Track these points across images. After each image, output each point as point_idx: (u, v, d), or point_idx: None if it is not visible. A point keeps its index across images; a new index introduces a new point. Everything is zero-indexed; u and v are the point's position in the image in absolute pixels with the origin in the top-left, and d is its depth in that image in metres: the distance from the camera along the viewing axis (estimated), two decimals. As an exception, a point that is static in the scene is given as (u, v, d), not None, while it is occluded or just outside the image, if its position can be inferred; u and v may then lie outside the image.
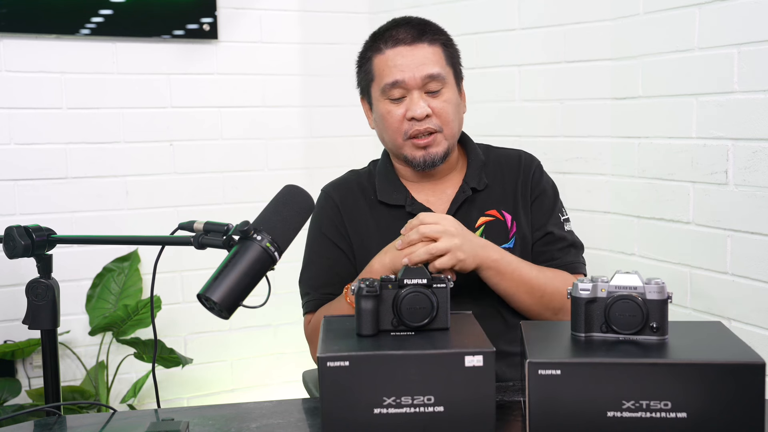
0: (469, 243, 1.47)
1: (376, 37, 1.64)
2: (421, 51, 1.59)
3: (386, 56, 1.60)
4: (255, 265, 1.20)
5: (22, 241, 1.35)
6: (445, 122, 1.59)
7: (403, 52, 1.58)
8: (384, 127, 1.63)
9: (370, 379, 1.08)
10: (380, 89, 1.61)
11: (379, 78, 1.61)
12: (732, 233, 2.18)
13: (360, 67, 1.69)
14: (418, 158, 1.60)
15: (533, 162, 1.71)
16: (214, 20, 2.95)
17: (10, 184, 2.72)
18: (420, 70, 1.57)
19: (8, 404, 2.60)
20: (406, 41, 1.59)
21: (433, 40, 1.61)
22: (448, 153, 1.62)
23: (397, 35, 1.60)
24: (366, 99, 1.70)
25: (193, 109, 3.00)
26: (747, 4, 2.10)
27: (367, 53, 1.65)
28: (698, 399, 1.05)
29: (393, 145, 1.63)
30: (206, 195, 3.03)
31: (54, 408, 1.35)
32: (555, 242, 1.64)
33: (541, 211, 1.66)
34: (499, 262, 1.50)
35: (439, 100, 1.59)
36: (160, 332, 2.87)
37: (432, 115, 1.58)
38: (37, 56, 2.74)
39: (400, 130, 1.59)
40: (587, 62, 2.60)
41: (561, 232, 1.66)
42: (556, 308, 1.55)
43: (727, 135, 2.17)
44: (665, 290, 1.14)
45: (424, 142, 1.58)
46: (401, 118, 1.59)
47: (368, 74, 1.65)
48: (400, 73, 1.57)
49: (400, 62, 1.58)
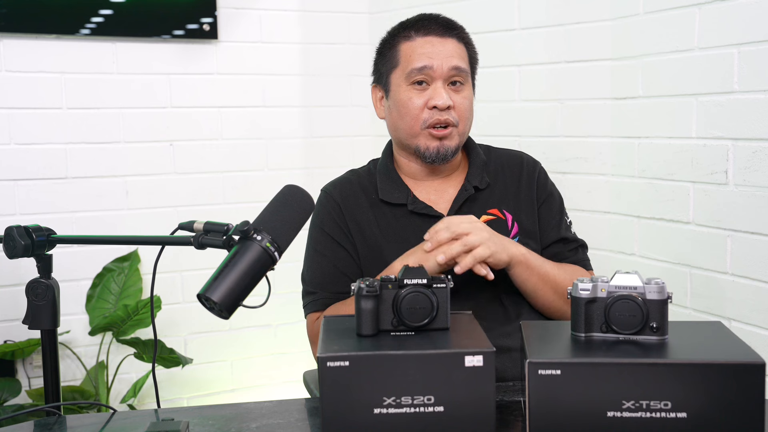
0: (499, 238, 1.50)
1: (406, 26, 1.66)
2: (450, 44, 1.63)
3: (416, 43, 1.63)
4: (255, 265, 1.20)
5: (22, 241, 1.35)
6: (462, 118, 1.62)
7: (434, 42, 1.62)
8: (401, 114, 1.63)
9: (370, 379, 1.08)
10: (405, 74, 1.62)
11: (405, 63, 1.63)
12: (732, 233, 2.18)
13: (382, 53, 1.69)
14: (432, 149, 1.61)
15: (536, 165, 1.73)
16: (214, 20, 2.95)
17: (10, 184, 2.72)
18: (449, 60, 1.60)
19: (8, 404, 2.60)
20: (438, 32, 1.63)
21: (460, 37, 1.66)
22: (458, 149, 1.64)
23: (429, 25, 1.64)
24: (381, 86, 1.70)
25: (193, 109, 3.00)
26: (747, 4, 2.10)
27: (393, 39, 1.67)
28: (698, 399, 1.05)
29: (407, 134, 1.63)
30: (206, 195, 3.03)
31: (54, 408, 1.35)
32: (567, 244, 1.69)
33: (550, 215, 1.69)
34: (528, 256, 1.54)
35: (460, 95, 1.62)
36: (160, 332, 2.87)
37: (452, 108, 1.60)
38: (37, 56, 2.74)
39: (419, 119, 1.61)
40: (587, 62, 2.60)
41: (571, 236, 1.70)
42: None
43: (727, 135, 2.17)
44: (665, 290, 1.14)
45: (441, 133, 1.60)
46: (422, 107, 1.60)
47: (392, 59, 1.66)
48: (429, 59, 1.60)
49: (429, 50, 1.61)
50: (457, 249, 1.45)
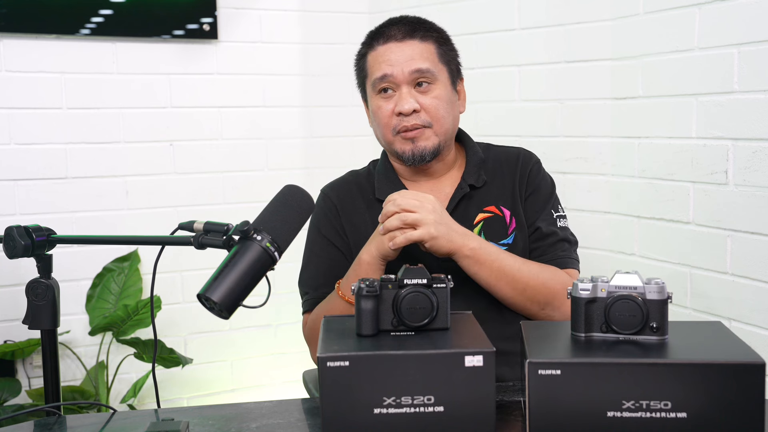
0: (446, 226, 1.47)
1: (371, 36, 1.67)
2: (410, 47, 1.61)
3: (377, 52, 1.63)
4: (255, 265, 1.20)
5: (22, 241, 1.35)
6: (435, 118, 1.60)
7: (393, 48, 1.61)
8: (376, 123, 1.66)
9: (370, 379, 1.08)
10: (371, 84, 1.64)
11: (370, 74, 1.64)
12: (732, 233, 2.18)
13: (356, 65, 1.72)
14: (407, 152, 1.61)
15: (531, 159, 1.71)
16: (214, 20, 2.95)
17: (10, 184, 2.72)
18: (408, 64, 1.59)
19: (8, 404, 2.60)
20: (397, 38, 1.62)
21: (425, 36, 1.63)
22: (438, 149, 1.62)
23: (389, 32, 1.63)
24: (363, 97, 1.73)
25: (193, 109, 3.00)
26: (747, 4, 2.10)
27: (362, 50, 1.69)
28: (698, 399, 1.05)
29: (385, 141, 1.65)
30: (206, 195, 3.03)
31: (54, 408, 1.35)
32: (544, 238, 1.64)
33: (532, 208, 1.66)
34: (478, 251, 1.49)
35: (429, 96, 1.60)
36: (160, 332, 2.87)
37: (420, 110, 1.59)
38: (37, 56, 2.74)
39: (390, 126, 1.61)
40: (587, 62, 2.60)
41: (551, 228, 1.65)
42: (542, 302, 1.54)
43: (727, 135, 2.17)
44: (665, 290, 1.14)
45: (411, 135, 1.59)
46: (390, 114, 1.61)
47: (362, 71, 1.68)
48: (389, 67, 1.60)
49: (389, 57, 1.61)
50: (394, 223, 1.43)
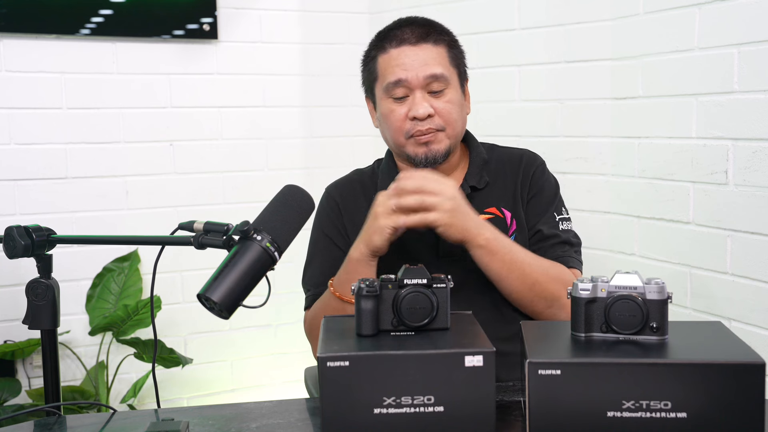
0: (463, 214, 1.45)
1: (381, 37, 1.64)
2: (425, 51, 1.59)
3: (390, 55, 1.60)
4: (255, 265, 1.20)
5: (22, 241, 1.35)
6: (448, 122, 1.60)
7: (407, 52, 1.59)
8: (386, 126, 1.64)
9: (370, 379, 1.08)
10: (383, 88, 1.61)
11: (382, 77, 1.62)
12: (732, 233, 2.18)
13: (364, 66, 1.69)
14: (420, 155, 1.60)
15: (535, 161, 1.71)
16: (214, 20, 2.95)
17: (10, 184, 2.72)
18: (423, 69, 1.57)
19: (8, 404, 2.60)
20: (411, 41, 1.59)
21: (438, 40, 1.61)
22: (449, 152, 1.62)
23: (402, 35, 1.60)
24: (370, 98, 1.70)
25: (193, 109, 3.00)
26: (747, 4, 2.10)
27: (371, 52, 1.66)
28: (698, 399, 1.05)
29: (395, 144, 1.64)
30: (206, 195, 3.03)
31: (54, 408, 1.35)
32: (545, 240, 1.63)
33: (535, 210, 1.66)
34: (491, 241, 1.48)
35: (442, 100, 1.59)
36: (160, 332, 2.87)
37: (434, 115, 1.58)
38: (37, 56, 2.74)
39: (402, 130, 1.60)
40: (587, 62, 2.60)
41: (552, 231, 1.64)
42: (549, 299, 1.53)
43: (727, 135, 2.17)
44: (665, 290, 1.14)
45: (425, 138, 1.59)
46: (403, 118, 1.59)
47: (372, 73, 1.65)
48: (404, 72, 1.58)
49: (403, 61, 1.58)
50: (411, 203, 1.42)
